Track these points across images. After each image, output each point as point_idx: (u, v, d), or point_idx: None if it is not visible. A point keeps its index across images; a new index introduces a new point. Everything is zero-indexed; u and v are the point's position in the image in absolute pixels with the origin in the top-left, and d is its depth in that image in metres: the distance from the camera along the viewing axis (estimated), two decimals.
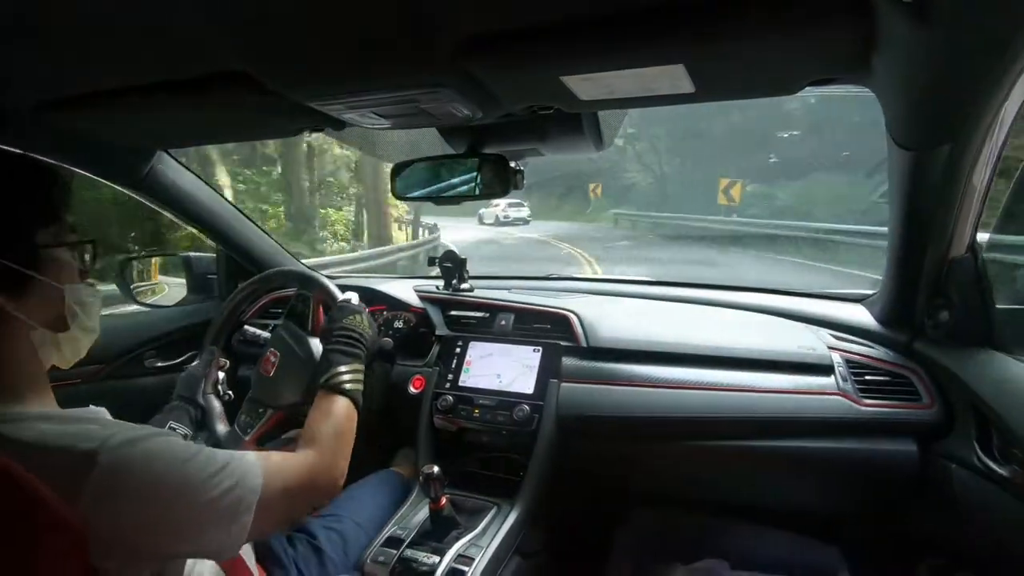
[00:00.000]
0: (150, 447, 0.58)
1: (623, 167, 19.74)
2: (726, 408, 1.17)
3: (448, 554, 1.02)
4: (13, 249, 0.58)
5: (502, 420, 1.26)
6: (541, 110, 0.90)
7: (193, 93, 0.84)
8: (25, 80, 0.86)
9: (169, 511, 0.58)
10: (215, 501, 0.60)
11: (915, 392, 1.11)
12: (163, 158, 1.35)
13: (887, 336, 1.22)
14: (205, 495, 0.60)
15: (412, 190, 1.11)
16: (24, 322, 0.60)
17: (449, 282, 1.57)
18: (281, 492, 0.70)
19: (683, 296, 1.55)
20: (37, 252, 0.61)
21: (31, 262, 0.60)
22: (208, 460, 0.62)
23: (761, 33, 0.60)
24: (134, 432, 0.58)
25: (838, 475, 1.19)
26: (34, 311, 0.61)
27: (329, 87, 0.81)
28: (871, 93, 0.79)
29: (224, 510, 0.61)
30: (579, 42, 0.63)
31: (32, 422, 0.56)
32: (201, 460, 0.61)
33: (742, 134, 15.65)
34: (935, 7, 0.52)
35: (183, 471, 0.59)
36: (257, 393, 1.27)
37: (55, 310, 0.64)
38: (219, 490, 0.61)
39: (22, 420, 0.56)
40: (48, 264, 0.62)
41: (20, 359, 0.61)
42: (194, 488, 0.59)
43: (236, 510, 0.62)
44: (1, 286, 0.57)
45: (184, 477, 0.59)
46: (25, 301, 0.59)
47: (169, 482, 0.58)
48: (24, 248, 0.60)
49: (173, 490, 0.58)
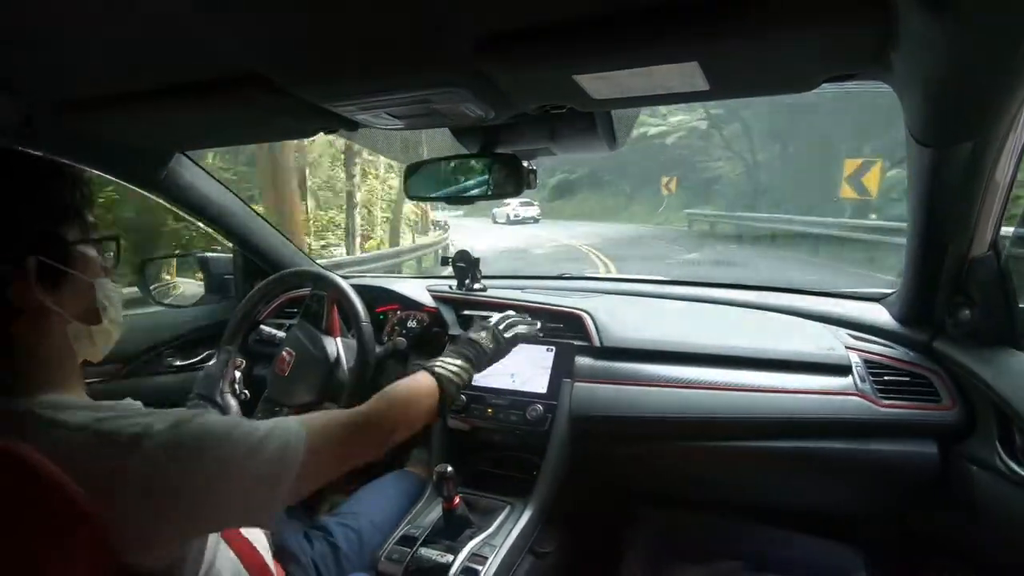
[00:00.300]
0: (192, 427, 0.60)
1: (707, 155, 16.39)
2: (742, 409, 1.16)
3: (462, 553, 1.03)
4: (48, 246, 0.61)
5: (515, 420, 1.26)
6: (553, 109, 0.90)
7: (210, 95, 0.85)
8: (45, 82, 0.88)
9: (215, 486, 0.60)
10: (258, 469, 0.62)
11: (935, 393, 1.09)
12: (180, 160, 1.37)
13: (906, 336, 1.20)
14: (248, 465, 0.62)
15: (425, 190, 1.11)
16: (61, 316, 0.62)
17: (462, 282, 1.57)
18: (325, 450, 0.72)
19: (699, 296, 1.54)
20: (69, 249, 0.64)
21: (64, 258, 0.63)
22: (249, 431, 0.64)
23: (777, 29, 0.60)
24: (176, 415, 0.60)
25: (856, 476, 1.17)
26: (69, 305, 0.63)
27: (343, 88, 0.81)
28: (890, 89, 0.78)
29: (267, 477, 0.64)
30: (592, 41, 0.63)
31: (77, 410, 0.58)
32: (242, 432, 0.63)
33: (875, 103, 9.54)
34: (955, 0, 0.51)
35: (226, 446, 0.61)
36: (272, 392, 1.28)
37: (87, 304, 0.66)
38: (261, 459, 0.63)
39: (67, 408, 0.58)
40: (78, 260, 0.65)
41: (59, 352, 0.63)
42: (238, 461, 0.61)
43: (279, 476, 0.64)
44: (40, 282, 0.59)
45: (227, 451, 0.61)
46: (60, 296, 0.62)
47: (214, 458, 0.60)
48: (57, 245, 0.62)
49: (218, 465, 0.60)
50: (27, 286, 0.58)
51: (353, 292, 1.34)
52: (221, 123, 1.07)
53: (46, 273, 0.60)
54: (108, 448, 0.55)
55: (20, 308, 0.59)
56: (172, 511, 0.57)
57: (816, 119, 12.79)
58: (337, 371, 1.33)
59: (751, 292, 1.54)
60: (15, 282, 0.58)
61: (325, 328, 1.41)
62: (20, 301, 0.58)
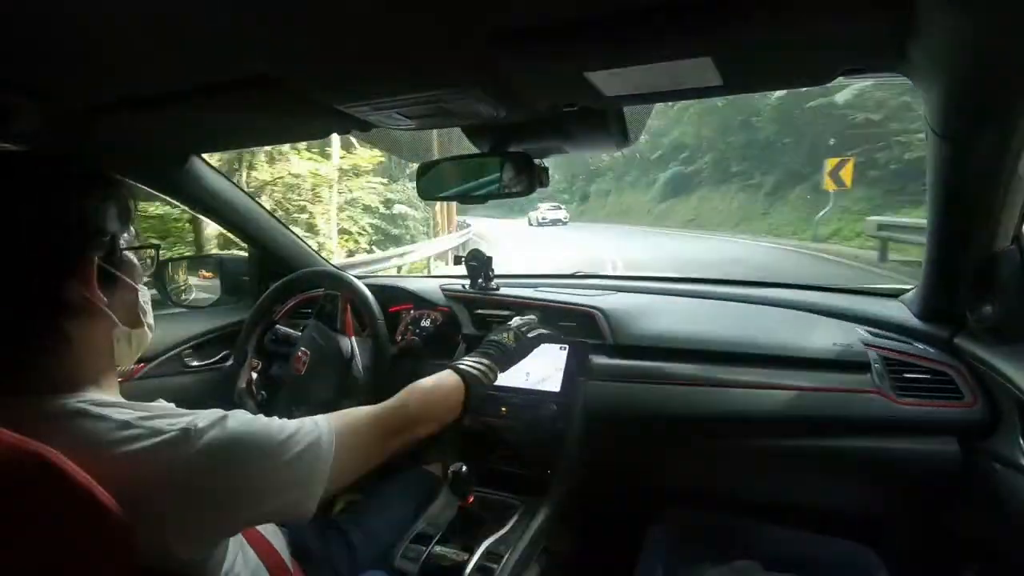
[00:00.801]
0: (231, 426, 0.61)
1: (906, 125, 10.17)
2: (757, 406, 1.14)
3: (477, 551, 1.03)
4: (109, 252, 0.64)
5: (530, 418, 1.26)
6: (565, 107, 0.90)
7: (225, 98, 0.86)
8: (68, 88, 0.89)
9: (253, 484, 0.62)
10: (291, 464, 0.64)
11: (956, 389, 1.07)
12: (195, 162, 1.38)
13: (926, 332, 1.18)
14: (284, 463, 0.64)
15: (438, 190, 1.12)
16: (110, 318, 0.64)
17: (475, 280, 1.57)
18: (355, 446, 0.74)
19: (712, 292, 1.53)
20: (121, 255, 0.66)
21: (117, 264, 0.66)
22: (280, 427, 0.66)
23: (790, 22, 0.59)
24: (215, 415, 0.61)
25: (875, 475, 1.16)
26: (118, 308, 0.66)
27: (356, 90, 0.82)
28: (908, 81, 0.76)
29: (299, 471, 0.65)
30: (603, 37, 0.63)
31: (120, 407, 0.60)
32: (274, 428, 0.65)
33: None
34: None
35: (263, 444, 0.63)
36: (289, 392, 1.29)
37: (132, 309, 0.69)
38: (293, 453, 0.64)
39: (109, 405, 0.59)
40: (128, 266, 0.68)
41: (102, 353, 0.66)
42: (275, 459, 0.63)
43: (311, 469, 0.66)
44: (100, 286, 0.62)
45: (265, 450, 0.63)
46: (112, 299, 0.65)
47: (253, 456, 0.62)
48: (114, 249, 0.65)
49: (257, 464, 0.62)
50: (87, 286, 0.61)
51: (367, 291, 1.35)
52: (235, 126, 1.09)
53: (104, 276, 0.63)
54: (152, 446, 0.56)
55: (77, 308, 0.61)
56: (212, 508, 0.59)
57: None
58: (352, 370, 1.34)
59: (765, 288, 1.52)
60: (75, 280, 0.60)
61: (339, 327, 1.42)
62: (77, 300, 0.61)
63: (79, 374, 0.62)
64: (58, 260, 0.60)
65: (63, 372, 0.61)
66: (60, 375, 0.60)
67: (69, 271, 0.61)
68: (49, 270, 0.59)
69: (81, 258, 0.61)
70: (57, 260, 0.60)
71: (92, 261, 0.62)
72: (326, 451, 0.68)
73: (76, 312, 0.61)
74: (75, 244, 0.61)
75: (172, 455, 0.56)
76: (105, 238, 0.64)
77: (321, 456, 0.68)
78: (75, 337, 0.61)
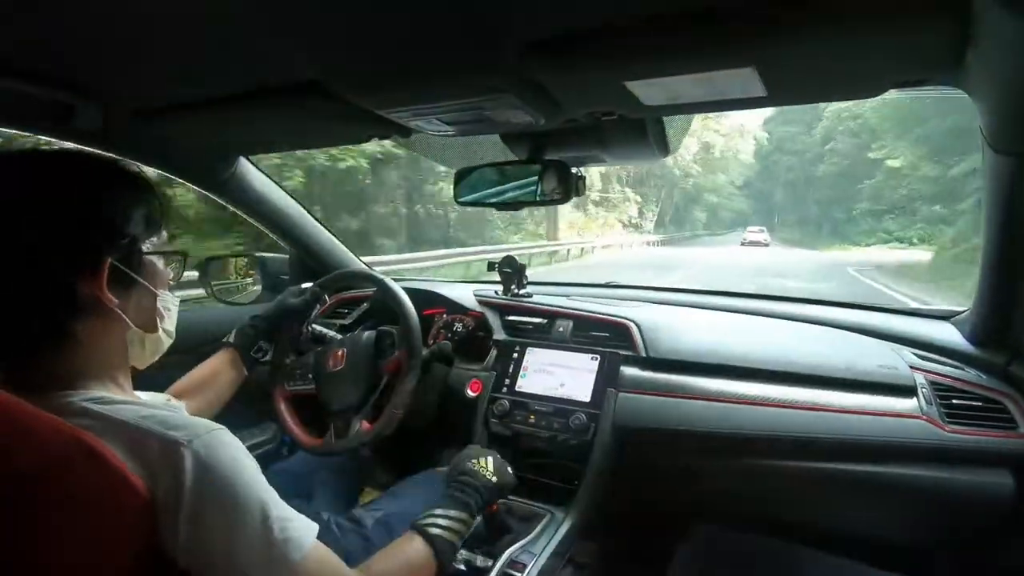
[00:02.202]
0: (239, 459, 0.60)
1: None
2: (795, 427, 1.11)
3: (501, 559, 1.02)
4: (126, 253, 0.64)
5: (558, 427, 1.25)
6: (604, 116, 0.89)
7: (272, 102, 0.89)
8: (123, 89, 0.94)
9: (233, 520, 0.58)
10: (261, 540, 0.59)
11: (1011, 419, 1.01)
12: (243, 163, 1.43)
13: (980, 357, 1.12)
14: (258, 528, 0.59)
15: (474, 195, 1.13)
16: (123, 320, 0.65)
17: (508, 287, 1.58)
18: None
19: (752, 308, 1.49)
20: (142, 259, 0.67)
21: (137, 267, 0.66)
22: (278, 504, 0.62)
23: (841, 33, 0.57)
24: (227, 437, 0.61)
25: (920, 504, 1.10)
26: (132, 311, 0.66)
27: (397, 96, 0.83)
28: (963, 94, 0.73)
29: (261, 554, 0.59)
30: (643, 46, 0.62)
31: (128, 405, 0.61)
32: (273, 499, 0.62)
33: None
34: None
35: (255, 498, 0.60)
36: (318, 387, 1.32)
37: (148, 313, 0.69)
38: (271, 533, 0.59)
39: (118, 403, 0.61)
40: (148, 270, 0.68)
41: (114, 353, 0.67)
42: (254, 516, 0.59)
43: (269, 564, 0.59)
44: (112, 286, 0.62)
45: (251, 503, 0.59)
46: (127, 302, 0.65)
47: (237, 500, 0.59)
48: (134, 253, 0.66)
49: (238, 507, 0.58)
50: (99, 287, 0.61)
51: (403, 294, 1.36)
52: (281, 129, 1.12)
53: (118, 277, 0.63)
54: (155, 443, 0.57)
55: (87, 306, 0.61)
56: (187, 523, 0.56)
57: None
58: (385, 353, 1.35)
59: (808, 306, 1.47)
60: (88, 281, 0.61)
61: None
62: (89, 300, 0.61)
63: (87, 372, 0.62)
64: (71, 258, 0.60)
65: (70, 369, 0.61)
66: (67, 372, 0.61)
67: (81, 270, 0.60)
68: (61, 267, 0.60)
69: (94, 258, 0.61)
70: (70, 258, 0.60)
71: (106, 262, 0.61)
72: (295, 548, 0.60)
73: (86, 311, 0.61)
74: (90, 244, 0.61)
75: (168, 456, 0.56)
76: (124, 240, 0.64)
77: (290, 548, 0.60)
78: (84, 335, 0.61)
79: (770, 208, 46.26)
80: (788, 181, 41.81)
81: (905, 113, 19.83)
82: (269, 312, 1.27)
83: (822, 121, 33.42)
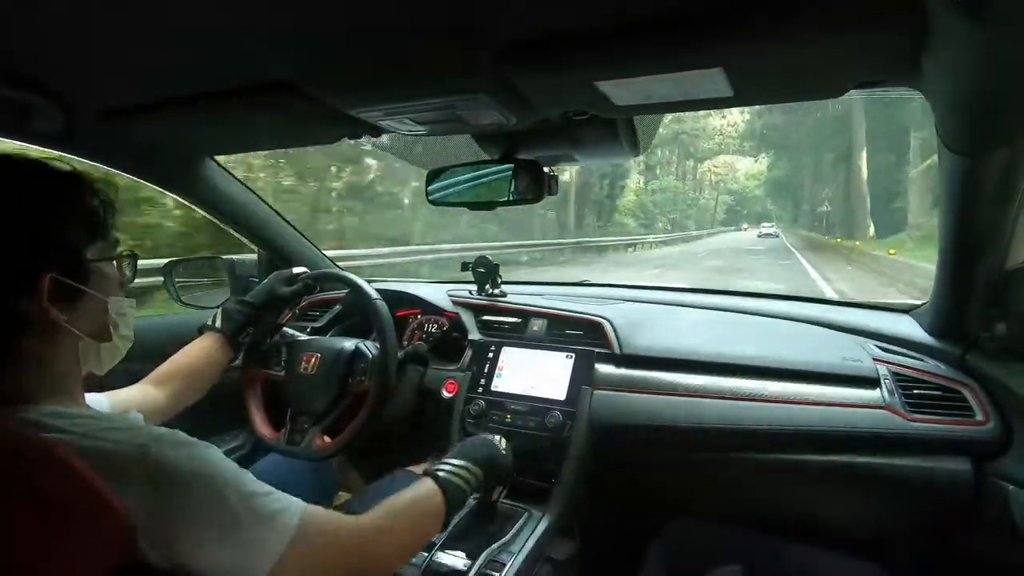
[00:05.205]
0: (198, 454, 0.59)
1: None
2: (764, 419, 1.13)
3: (479, 558, 1.02)
4: (67, 264, 0.60)
5: (534, 426, 1.26)
6: (576, 115, 0.90)
7: (240, 102, 0.87)
8: (86, 89, 0.91)
9: (202, 520, 0.56)
10: (249, 522, 0.58)
11: (968, 408, 1.05)
12: (209, 164, 1.40)
13: (938, 348, 1.17)
14: (241, 513, 0.58)
15: (447, 196, 1.12)
16: (72, 333, 0.61)
17: (483, 287, 1.58)
18: (315, 548, 0.63)
19: (721, 304, 1.52)
20: (88, 267, 0.63)
21: (82, 277, 0.62)
22: (252, 482, 0.61)
23: (804, 34, 0.59)
24: (182, 437, 0.59)
25: (884, 492, 1.14)
26: (81, 323, 0.62)
27: (369, 96, 0.83)
28: (920, 95, 0.76)
29: (254, 537, 0.58)
30: (614, 47, 0.63)
31: (83, 419, 0.58)
32: (246, 480, 0.61)
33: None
34: (990, 4, 0.50)
35: (226, 485, 0.59)
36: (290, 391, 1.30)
37: (100, 322, 0.66)
38: (255, 513, 0.59)
39: (74, 417, 0.58)
40: (96, 278, 0.64)
41: (66, 365, 0.63)
42: (232, 503, 0.58)
43: (265, 542, 0.59)
44: (56, 300, 0.59)
45: (225, 491, 0.58)
46: (73, 313, 0.61)
47: (210, 492, 0.57)
48: (77, 263, 0.62)
49: (212, 500, 0.57)
50: (40, 301, 0.57)
51: (377, 296, 1.35)
52: (250, 129, 1.10)
53: (61, 290, 0.59)
54: (114, 454, 0.55)
55: (32, 322, 0.58)
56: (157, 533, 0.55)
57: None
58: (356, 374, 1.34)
59: (774, 301, 1.51)
60: (28, 296, 0.57)
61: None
62: (34, 315, 0.57)
63: (40, 386, 0.59)
64: (5, 277, 0.56)
65: (21, 385, 0.58)
66: (18, 388, 0.58)
67: (19, 288, 0.57)
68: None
69: (29, 276, 0.57)
70: (4, 277, 0.56)
71: (44, 277, 0.57)
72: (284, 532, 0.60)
73: (32, 327, 0.58)
74: (25, 260, 0.57)
75: (129, 466, 0.54)
76: (62, 251, 0.60)
77: (278, 534, 0.59)
78: (33, 352, 0.59)
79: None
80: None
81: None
82: (258, 298, 1.23)
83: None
